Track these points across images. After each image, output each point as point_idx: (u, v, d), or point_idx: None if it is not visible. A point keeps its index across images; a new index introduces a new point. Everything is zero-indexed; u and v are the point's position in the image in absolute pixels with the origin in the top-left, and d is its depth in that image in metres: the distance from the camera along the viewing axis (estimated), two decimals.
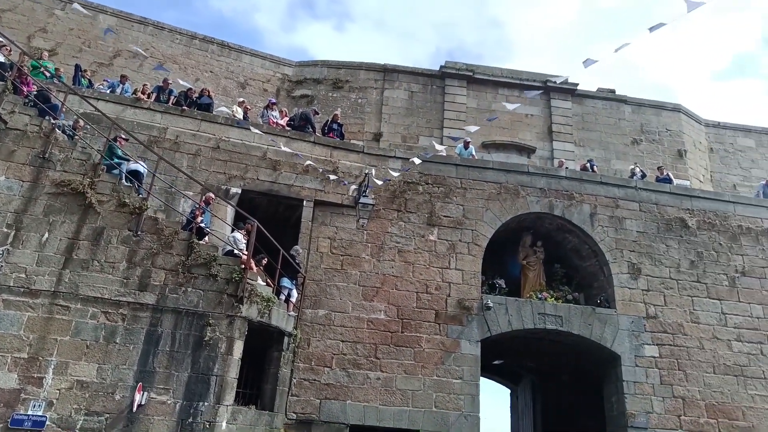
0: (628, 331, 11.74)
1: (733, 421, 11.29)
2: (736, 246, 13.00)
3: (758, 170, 21.03)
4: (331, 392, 10.36)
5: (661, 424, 11.04)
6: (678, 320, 12.00)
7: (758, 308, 12.40)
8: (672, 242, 12.78)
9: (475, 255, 12.02)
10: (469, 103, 20.31)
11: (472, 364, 11.04)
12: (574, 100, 20.78)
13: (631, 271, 12.32)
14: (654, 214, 13.03)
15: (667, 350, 11.70)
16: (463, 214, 12.32)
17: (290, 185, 11.70)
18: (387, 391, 10.54)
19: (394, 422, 10.35)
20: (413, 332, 11.09)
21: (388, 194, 12.17)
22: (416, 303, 11.35)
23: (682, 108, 21.42)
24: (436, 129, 19.91)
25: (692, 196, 13.63)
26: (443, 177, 12.61)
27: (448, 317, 11.33)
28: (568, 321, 11.76)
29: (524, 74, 20.94)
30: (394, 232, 11.89)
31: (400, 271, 11.57)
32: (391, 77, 20.56)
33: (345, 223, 11.80)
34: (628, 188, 13.32)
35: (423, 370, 10.80)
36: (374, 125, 19.86)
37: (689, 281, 12.43)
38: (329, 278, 11.25)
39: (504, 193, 12.68)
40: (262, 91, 20.07)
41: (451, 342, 11.12)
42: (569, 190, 12.94)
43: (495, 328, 11.45)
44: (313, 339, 10.67)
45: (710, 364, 11.70)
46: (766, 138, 22.27)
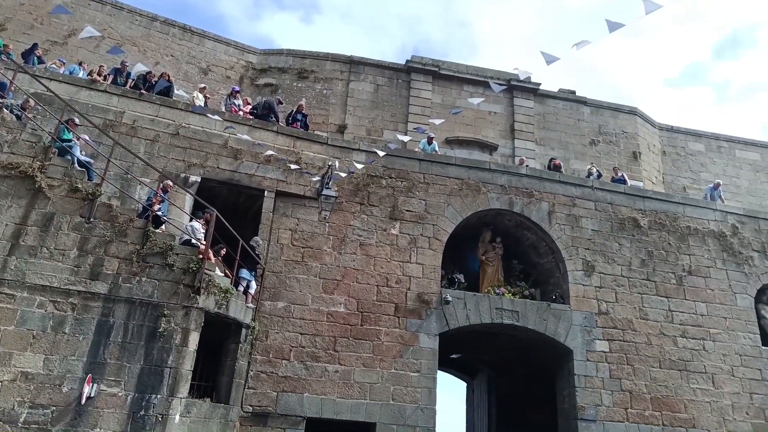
0: (581, 327, 12.10)
1: (675, 413, 11.82)
2: (684, 246, 13.55)
3: (707, 174, 21.96)
4: (289, 385, 10.30)
5: (608, 417, 11.46)
6: (628, 316, 12.44)
7: (702, 306, 12.99)
8: (624, 241, 13.22)
9: (436, 249, 12.13)
10: (434, 99, 20.42)
11: (430, 357, 11.17)
12: (537, 100, 21.19)
13: (586, 268, 12.69)
14: (608, 214, 13.43)
15: (617, 345, 12.12)
16: (425, 209, 12.41)
17: (252, 175, 11.51)
18: (345, 384, 10.55)
19: (351, 415, 10.38)
20: (373, 325, 11.12)
21: (352, 187, 12.13)
22: (376, 296, 11.39)
23: (638, 111, 22.13)
24: (401, 123, 19.95)
25: (645, 197, 14.11)
26: (406, 171, 12.66)
27: (408, 311, 11.41)
28: (524, 316, 12.03)
29: (489, 72, 21.19)
30: (357, 225, 11.88)
31: (362, 265, 11.57)
32: (357, 69, 20.46)
33: (307, 214, 11.71)
34: (585, 188, 13.68)
35: (381, 363, 10.86)
36: (339, 117, 19.75)
37: (639, 279, 12.89)
38: (289, 270, 11.15)
39: (466, 189, 12.82)
40: (224, 78, 19.65)
41: (410, 335, 11.22)
42: (529, 188, 13.20)
43: (453, 322, 11.60)
44: (271, 331, 10.57)
45: (656, 359, 12.19)
46: (715, 143, 23.28)
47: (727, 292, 13.31)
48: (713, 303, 13.08)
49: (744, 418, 12.11)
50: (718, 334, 12.77)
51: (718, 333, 12.78)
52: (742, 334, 12.93)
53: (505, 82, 20.31)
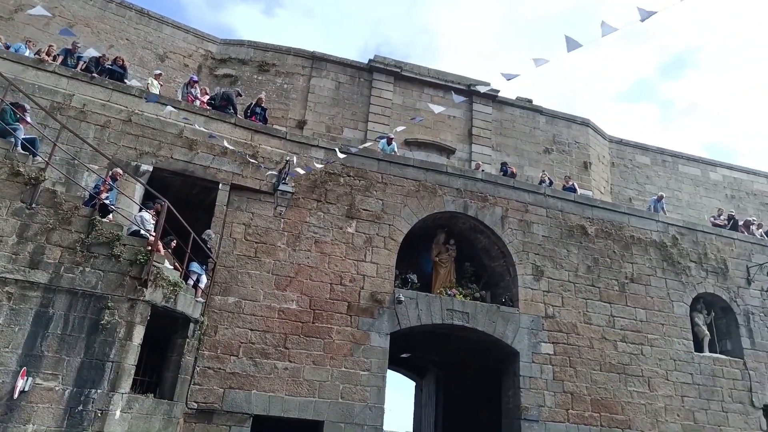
0: (528, 330, 12.44)
1: (613, 415, 12.32)
2: (628, 254, 14.14)
3: (651, 186, 22.98)
4: (237, 381, 10.14)
5: (550, 417, 11.83)
6: (573, 321, 12.88)
7: (642, 312, 13.58)
8: (572, 248, 13.67)
9: (391, 249, 12.21)
10: (395, 100, 20.53)
11: (381, 356, 11.23)
12: (495, 106, 21.63)
13: (535, 273, 13.05)
14: (558, 221, 13.86)
15: (561, 348, 12.52)
16: (382, 209, 12.47)
17: (206, 167, 11.27)
18: (294, 382, 10.48)
19: (299, 413, 10.32)
20: (325, 323, 11.09)
21: (309, 183, 12.06)
22: (329, 294, 11.36)
23: (590, 123, 22.92)
24: (361, 122, 19.96)
25: (593, 206, 14.63)
26: (365, 171, 12.68)
27: (360, 309, 11.44)
28: (474, 318, 12.26)
29: (450, 76, 21.48)
30: (312, 222, 11.82)
31: (316, 262, 11.52)
32: (319, 65, 20.34)
33: (262, 209, 11.56)
34: (537, 194, 14.06)
35: (332, 361, 10.85)
36: (299, 112, 19.58)
37: (585, 285, 13.37)
38: (242, 265, 10.98)
39: (422, 190, 12.96)
40: (182, 66, 19.14)
41: (362, 334, 11.25)
42: (484, 193, 13.46)
43: (405, 321, 11.71)
44: (220, 327, 10.38)
45: (598, 362, 12.67)
46: (660, 157, 24.38)
47: (665, 300, 13.97)
48: (652, 310, 13.70)
49: (675, 419, 12.75)
50: (656, 340, 13.39)
51: (656, 338, 13.40)
52: (677, 340, 13.61)
53: (465, 87, 20.63)
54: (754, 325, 14.56)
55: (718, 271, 14.89)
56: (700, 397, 13.19)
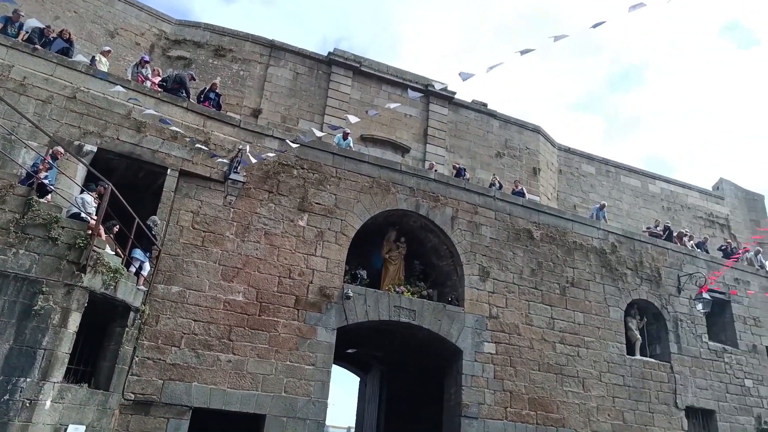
0: (472, 329, 12.72)
1: (548, 413, 12.78)
2: (570, 259, 14.67)
3: (595, 194, 23.92)
4: (177, 373, 9.88)
5: (489, 415, 12.15)
6: (515, 321, 13.26)
7: (580, 315, 14.15)
8: (518, 251, 14.06)
9: (342, 244, 12.19)
10: (352, 94, 20.47)
11: (326, 351, 11.21)
12: (451, 108, 21.92)
13: (481, 273, 13.35)
14: (506, 224, 14.22)
15: (503, 348, 12.87)
16: (335, 203, 12.43)
17: (155, 151, 10.88)
18: (237, 375, 10.31)
19: (241, 406, 10.17)
20: (271, 316, 10.96)
21: (261, 174, 11.86)
22: (277, 287, 11.24)
23: (541, 130, 23.60)
24: (318, 114, 19.80)
25: (540, 211, 15.09)
26: (319, 164, 12.59)
27: (308, 304, 11.37)
28: (421, 315, 12.42)
29: (408, 75, 21.60)
30: (263, 214, 11.64)
31: (265, 254, 11.36)
32: (277, 54, 20.02)
33: (211, 198, 11.28)
34: (487, 197, 14.37)
35: (277, 354, 10.74)
36: (254, 101, 19.21)
37: (528, 287, 13.79)
38: (188, 254, 10.69)
39: (376, 187, 13.00)
40: (133, 44, 18.41)
41: (308, 328, 11.19)
42: (436, 193, 13.64)
43: (352, 317, 11.73)
44: (162, 316, 10.08)
45: (537, 362, 13.11)
46: (604, 167, 25.40)
47: (602, 305, 14.60)
48: (590, 313, 14.29)
49: (606, 419, 13.36)
50: (591, 342, 13.97)
51: (592, 341, 13.99)
52: (611, 343, 14.25)
53: (423, 87, 20.81)
54: (681, 331, 15.44)
55: (651, 279, 15.68)
56: (629, 398, 13.87)
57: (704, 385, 15.09)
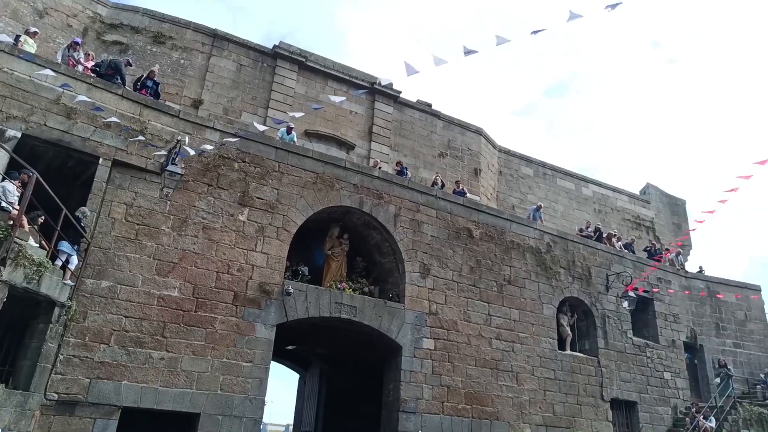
0: (412, 325, 12.89)
1: (483, 407, 13.15)
2: (507, 258, 15.14)
3: (533, 196, 24.76)
4: (105, 371, 9.46)
5: (427, 409, 12.36)
6: (454, 318, 13.55)
7: (516, 312, 14.63)
8: (458, 249, 14.36)
9: (283, 240, 12.05)
10: (297, 89, 20.23)
11: (265, 348, 11.05)
12: (396, 107, 22.08)
13: (422, 270, 13.55)
14: (447, 222, 14.50)
15: (441, 344, 13.12)
16: (277, 198, 12.26)
17: (86, 139, 10.35)
18: (170, 372, 9.99)
19: (174, 405, 9.86)
20: (208, 312, 10.69)
21: (201, 166, 11.53)
22: (215, 283, 10.97)
23: (483, 132, 24.18)
24: (261, 108, 19.45)
25: (480, 210, 15.48)
26: (262, 158, 12.38)
27: (247, 300, 11.17)
28: (362, 312, 12.47)
29: (355, 72, 21.58)
30: (202, 207, 11.32)
31: (202, 249, 11.05)
32: (220, 45, 19.49)
33: (146, 190, 10.86)
34: (429, 196, 14.60)
35: (213, 351, 10.49)
36: (195, 91, 18.64)
37: (467, 284, 14.12)
38: (120, 248, 10.25)
39: (320, 183, 12.92)
40: (65, 25, 17.41)
41: (247, 325, 10.99)
42: (380, 190, 13.72)
43: (292, 313, 11.62)
44: (91, 312, 9.62)
45: (473, 358, 13.45)
46: (541, 170, 26.34)
47: (537, 302, 15.16)
48: (525, 310, 14.81)
49: (537, 411, 13.89)
50: (526, 338, 14.48)
51: (526, 337, 14.50)
52: (544, 339, 14.83)
53: (369, 84, 20.84)
54: (608, 327, 16.27)
55: (582, 278, 16.43)
56: (559, 391, 14.49)
57: (628, 378, 15.98)
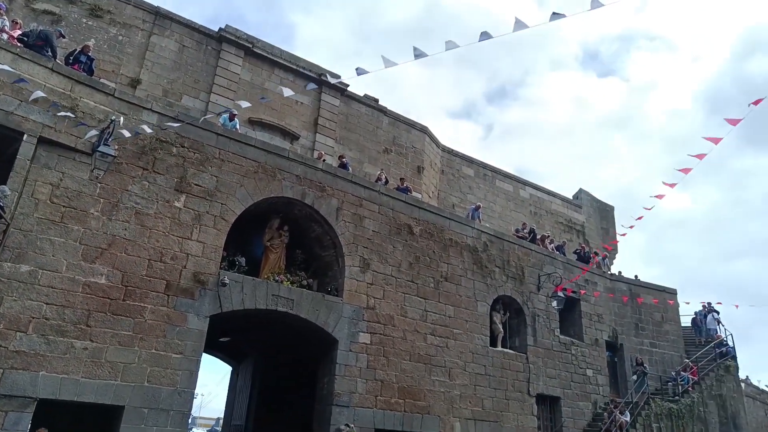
0: (349, 319, 12.93)
1: (416, 401, 13.38)
2: (445, 255, 15.44)
3: (472, 196, 25.36)
4: (21, 361, 8.91)
5: (360, 403, 12.45)
6: (391, 313, 13.69)
7: (451, 309, 14.96)
8: (398, 245, 14.51)
9: (221, 229, 11.75)
10: (243, 75, 19.75)
11: (197, 339, 10.76)
12: (343, 100, 21.99)
13: (362, 265, 13.60)
14: (389, 218, 14.61)
15: (377, 338, 13.24)
16: (216, 186, 11.93)
17: (10, 113, 9.67)
18: (94, 363, 9.54)
19: (97, 397, 9.43)
20: (137, 301, 10.28)
21: (136, 149, 11.04)
22: (146, 271, 10.55)
23: (427, 131, 24.50)
24: (204, 92, 18.86)
25: (421, 207, 15.70)
26: (202, 144, 12.00)
27: (180, 289, 10.82)
28: (299, 305, 12.37)
29: (303, 62, 21.30)
30: (135, 192, 10.85)
31: (134, 235, 10.60)
32: (163, 23, 18.71)
33: (75, 170, 10.29)
34: (372, 191, 14.65)
35: (141, 342, 10.10)
36: (133, 70, 17.82)
37: (405, 280, 14.29)
38: (43, 230, 9.66)
39: (261, 172, 12.69)
40: None
41: (178, 315, 10.65)
42: (323, 183, 13.64)
43: (227, 305, 11.37)
44: (8, 298, 9.03)
45: (408, 353, 13.65)
46: (482, 171, 27.01)
47: (472, 299, 15.56)
48: (460, 307, 15.17)
49: (467, 406, 14.29)
50: (459, 335, 14.85)
51: (459, 333, 14.86)
52: (477, 336, 15.25)
53: (316, 75, 20.63)
54: (538, 325, 16.95)
55: (516, 277, 17.01)
56: (489, 386, 14.96)
57: (553, 374, 16.72)
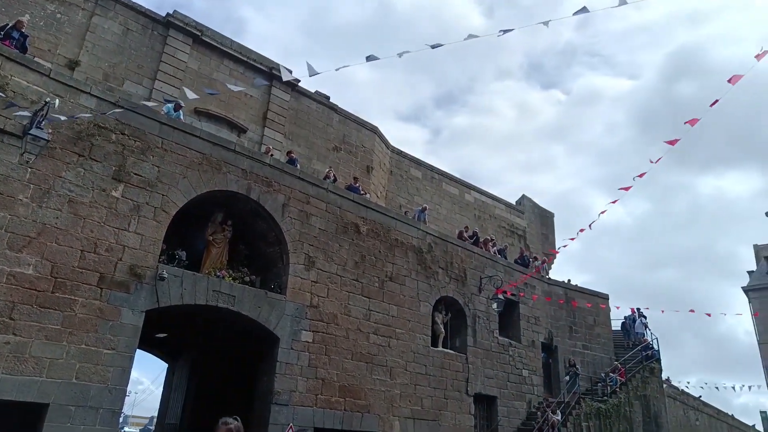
0: (292, 317, 12.78)
1: (356, 400, 13.40)
2: (391, 255, 15.55)
3: (419, 198, 25.66)
4: None
5: (300, 402, 12.34)
6: (334, 311, 13.64)
7: (395, 309, 15.08)
8: (345, 243, 14.49)
9: (161, 221, 11.34)
10: (190, 64, 19.17)
11: (131, 335, 10.34)
12: (293, 95, 21.73)
13: (307, 263, 13.48)
14: (336, 216, 14.56)
15: (320, 337, 13.16)
16: (158, 177, 11.51)
17: None
18: (16, 359, 8.99)
19: (18, 394, 8.88)
20: (67, 294, 9.77)
21: (72, 134, 10.49)
22: (79, 262, 10.05)
23: (378, 131, 24.59)
24: (148, 79, 18.17)
25: (369, 207, 15.73)
26: (144, 132, 11.54)
27: (114, 283, 10.36)
28: (241, 301, 12.12)
29: (254, 54, 20.89)
30: (69, 179, 10.30)
31: (66, 224, 10.07)
32: (106, 4, 17.89)
33: (3, 153, 9.66)
34: (320, 188, 14.55)
35: (70, 337, 9.60)
36: (72, 51, 16.94)
37: (350, 279, 14.28)
38: None
39: (206, 164, 12.34)
40: None
41: (112, 309, 10.20)
42: (270, 178, 13.42)
43: (165, 300, 10.99)
44: None
45: (350, 351, 13.65)
46: (429, 173, 27.38)
47: (415, 299, 15.74)
48: (403, 307, 15.31)
49: (407, 405, 14.44)
50: (402, 334, 14.98)
51: (402, 333, 15.00)
52: (419, 336, 15.44)
53: (267, 69, 20.30)
54: (478, 326, 17.34)
55: (458, 279, 17.35)
56: (429, 385, 15.18)
57: (491, 375, 17.16)
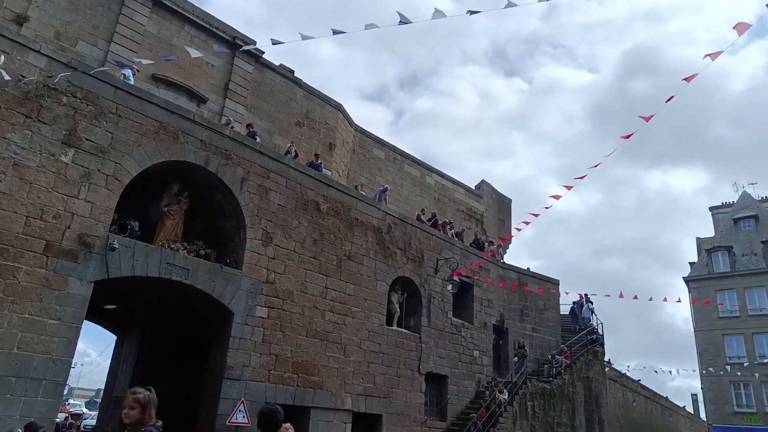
0: (247, 292, 12.67)
1: (309, 376, 13.47)
2: (350, 234, 15.55)
3: (381, 178, 25.66)
4: None
5: (253, 377, 12.31)
6: (291, 288, 13.59)
7: (352, 287, 15.14)
8: (304, 220, 14.39)
9: (113, 190, 10.97)
10: (149, 27, 18.40)
11: (78, 305, 10.04)
12: (257, 67, 21.21)
13: (264, 238, 13.34)
14: (296, 192, 14.42)
15: (275, 313, 13.11)
16: (111, 143, 11.08)
17: None
18: None
19: None
20: (11, 261, 9.37)
21: (19, 93, 9.95)
22: (23, 228, 9.63)
23: (342, 108, 24.34)
24: (103, 40, 17.36)
25: (329, 185, 15.64)
26: (97, 96, 11.06)
27: (61, 251, 10.00)
28: (195, 275, 11.92)
29: (216, 22, 20.21)
30: (15, 141, 9.80)
31: (11, 189, 9.61)
32: None
33: None
34: (281, 164, 14.35)
35: (13, 306, 9.25)
36: (20, 5, 15.97)
37: (308, 256, 14.23)
38: None
39: (163, 133, 11.96)
40: None
41: (58, 279, 9.86)
42: (229, 151, 13.13)
43: (115, 271, 10.69)
44: None
45: (305, 328, 13.67)
46: (392, 154, 27.38)
47: (372, 279, 15.85)
48: (360, 286, 15.40)
49: (360, 382, 14.63)
50: (358, 312, 15.09)
51: (358, 311, 15.11)
52: (374, 314, 15.59)
53: (230, 38, 19.71)
54: (432, 307, 17.64)
55: (416, 260, 17.54)
56: (382, 363, 15.40)
57: (443, 354, 17.54)
